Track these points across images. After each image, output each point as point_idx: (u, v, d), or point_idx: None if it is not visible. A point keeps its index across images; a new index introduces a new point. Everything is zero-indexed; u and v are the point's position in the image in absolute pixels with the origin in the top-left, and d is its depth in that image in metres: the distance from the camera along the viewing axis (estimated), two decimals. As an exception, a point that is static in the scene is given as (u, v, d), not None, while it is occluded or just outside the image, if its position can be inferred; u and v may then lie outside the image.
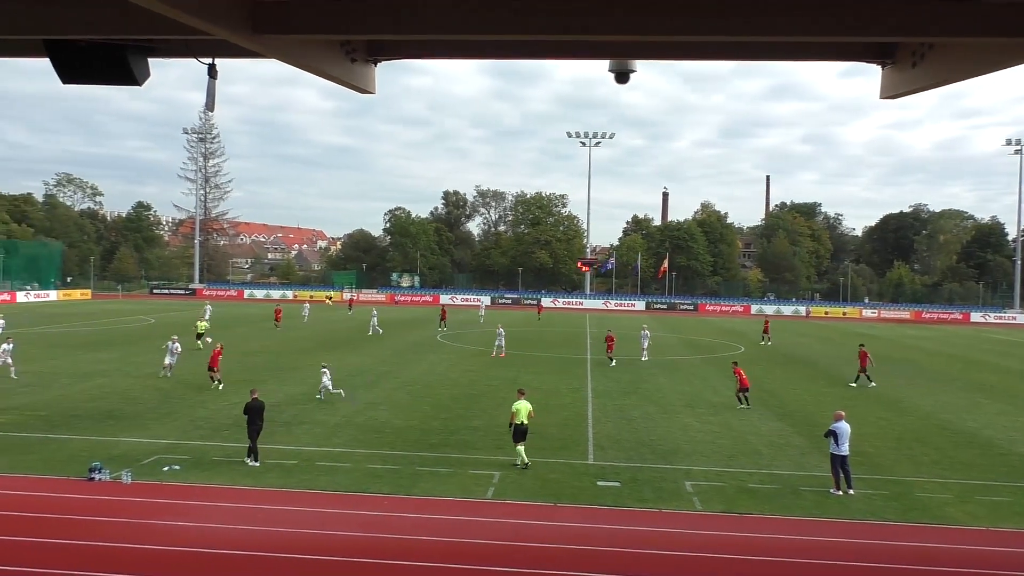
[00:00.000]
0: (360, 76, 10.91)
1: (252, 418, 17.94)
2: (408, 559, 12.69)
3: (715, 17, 8.30)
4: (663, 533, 14.48)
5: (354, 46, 10.37)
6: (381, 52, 10.99)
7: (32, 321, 54.56)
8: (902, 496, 17.07)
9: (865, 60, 10.54)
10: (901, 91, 10.45)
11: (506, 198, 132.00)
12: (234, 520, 14.37)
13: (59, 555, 12.43)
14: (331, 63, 10.12)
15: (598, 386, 31.18)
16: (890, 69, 10.53)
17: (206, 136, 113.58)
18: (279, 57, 9.55)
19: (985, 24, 7.98)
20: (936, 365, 43.36)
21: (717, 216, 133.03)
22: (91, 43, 9.38)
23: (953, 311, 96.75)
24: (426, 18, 8.71)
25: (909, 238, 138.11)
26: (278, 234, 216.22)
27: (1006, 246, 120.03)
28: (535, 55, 11.02)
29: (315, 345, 43.25)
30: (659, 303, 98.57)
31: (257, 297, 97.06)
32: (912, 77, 9.99)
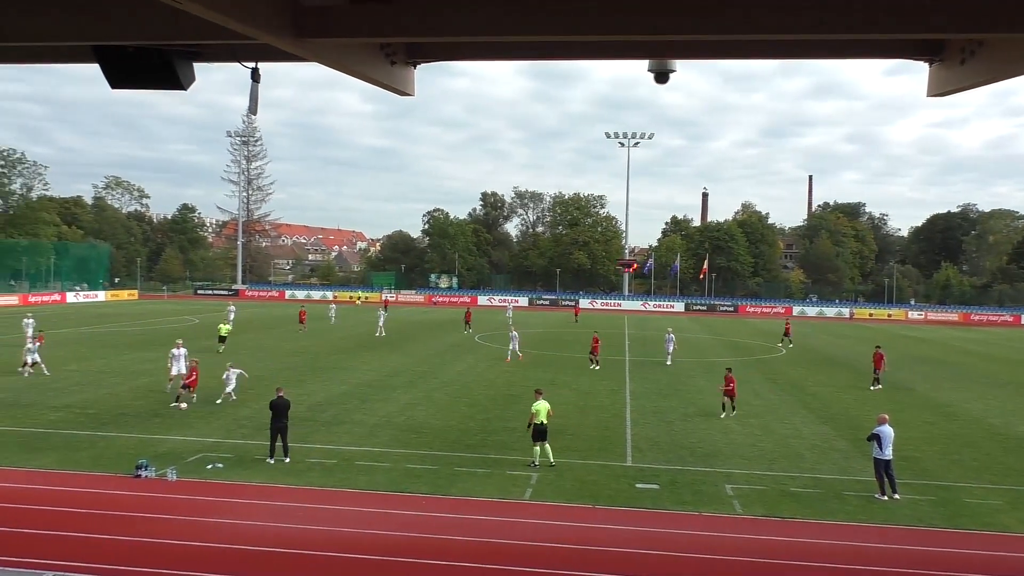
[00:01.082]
0: (400, 78, 10.99)
1: (276, 415, 18.18)
2: (445, 559, 12.75)
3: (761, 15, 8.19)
4: (703, 536, 14.33)
5: (394, 48, 10.44)
6: (420, 54, 11.06)
7: (81, 321, 55.96)
8: (950, 502, 16.68)
9: (913, 57, 10.32)
10: (949, 89, 10.21)
11: (544, 199, 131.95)
12: (275, 518, 14.56)
13: (106, 551, 12.72)
14: (371, 66, 10.20)
15: (636, 388, 30.99)
16: (938, 66, 10.30)
17: (249, 139, 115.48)
18: (320, 60, 9.67)
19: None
20: (985, 368, 42.29)
21: (758, 216, 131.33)
22: (139, 49, 9.58)
23: (1003, 313, 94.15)
24: (465, 20, 8.73)
25: (957, 239, 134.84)
26: (318, 235, 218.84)
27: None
28: (575, 56, 10.99)
29: (355, 345, 43.66)
30: (698, 304, 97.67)
31: (298, 297, 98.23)
32: (961, 74, 9.76)
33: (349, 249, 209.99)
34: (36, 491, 15.79)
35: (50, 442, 19.57)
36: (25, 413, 22.97)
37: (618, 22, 8.39)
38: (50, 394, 26.02)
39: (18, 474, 16.80)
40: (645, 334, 58.23)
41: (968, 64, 9.51)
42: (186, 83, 9.87)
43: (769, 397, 29.85)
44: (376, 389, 28.78)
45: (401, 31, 8.97)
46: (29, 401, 24.78)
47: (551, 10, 8.49)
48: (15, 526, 13.63)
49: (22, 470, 17.07)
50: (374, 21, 8.77)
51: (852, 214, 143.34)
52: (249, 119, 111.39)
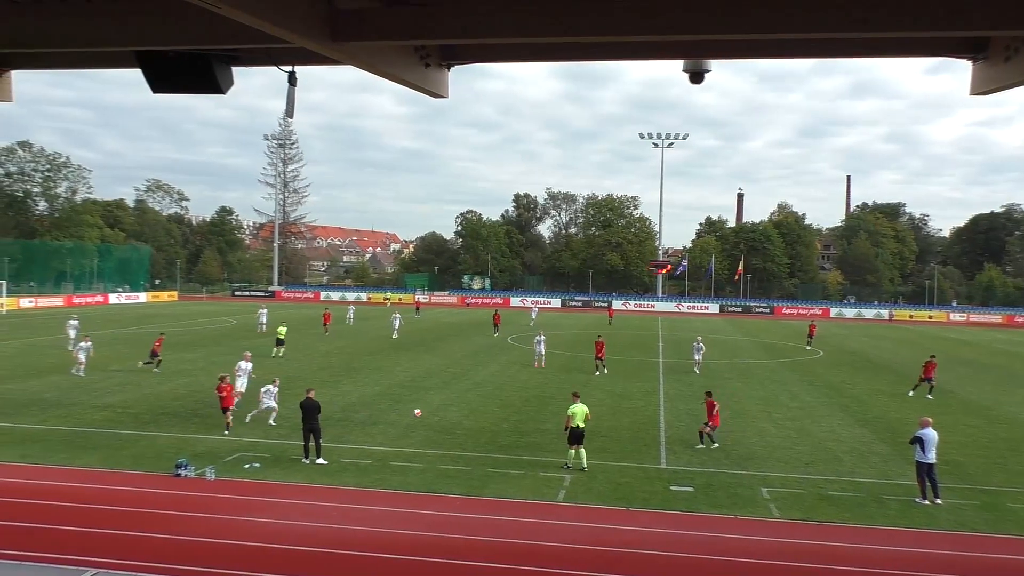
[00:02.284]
0: (434, 81, 11.05)
1: (305, 416, 18.32)
2: (478, 559, 12.77)
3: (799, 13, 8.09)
4: (739, 540, 14.18)
5: (428, 51, 10.51)
6: (454, 56, 11.11)
7: (124, 322, 57.07)
8: (993, 507, 16.32)
9: (955, 55, 10.13)
10: (993, 87, 10.00)
11: (577, 200, 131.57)
12: (310, 517, 14.71)
13: (145, 548, 12.95)
14: (406, 68, 10.27)
15: (670, 390, 30.78)
16: (981, 64, 10.09)
17: (285, 142, 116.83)
18: (356, 64, 9.76)
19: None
20: (1030, 371, 41.27)
21: (794, 217, 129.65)
22: (179, 54, 9.77)
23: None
24: (500, 21, 8.76)
25: (1001, 239, 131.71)
26: (353, 237, 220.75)
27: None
28: (609, 57, 10.97)
29: (389, 346, 43.94)
30: (733, 306, 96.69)
31: (333, 299, 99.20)
32: (1005, 72, 9.55)
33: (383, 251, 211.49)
34: (79, 489, 16.12)
35: (93, 441, 19.99)
36: (69, 412, 23.49)
37: (653, 22, 8.35)
38: (94, 394, 26.57)
39: (63, 472, 17.18)
40: (679, 336, 57.79)
41: (1013, 62, 9.31)
42: (225, 87, 10.04)
43: (806, 399, 29.46)
44: (409, 390, 28.94)
45: (436, 33, 9.02)
46: (73, 400, 25.34)
47: (585, 11, 8.47)
48: (58, 523, 13.94)
49: (66, 468, 17.45)
50: (409, 23, 8.83)
51: (891, 214, 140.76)
52: (285, 122, 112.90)
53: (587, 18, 8.47)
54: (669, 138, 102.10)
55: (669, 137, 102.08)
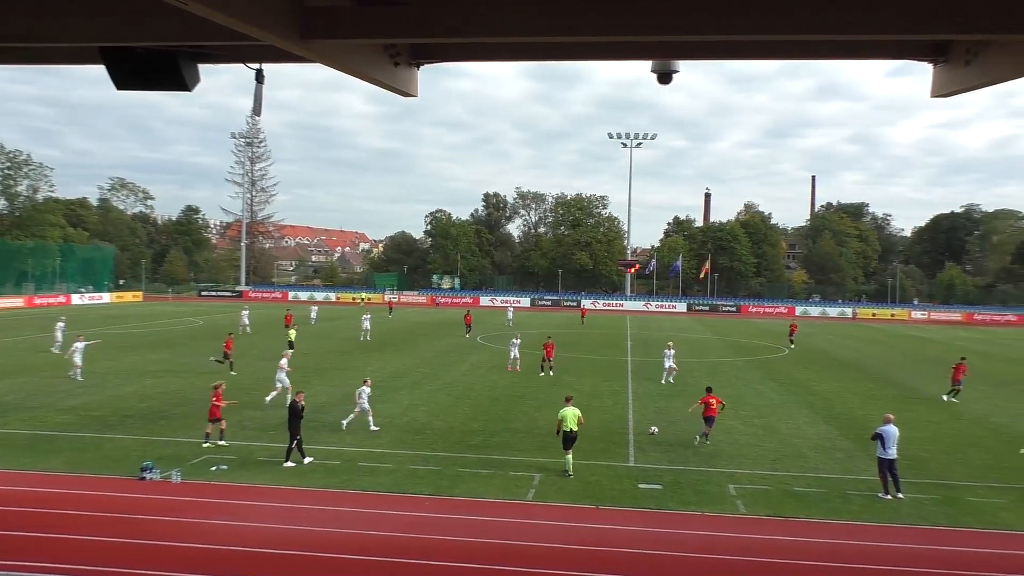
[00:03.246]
0: (403, 79, 11.02)
1: (288, 418, 18.29)
2: (448, 559, 12.77)
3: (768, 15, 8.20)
4: (707, 536, 14.33)
5: (398, 50, 10.48)
6: (424, 55, 11.09)
7: (88, 323, 56.03)
8: (954, 501, 16.68)
9: (918, 58, 10.33)
10: (953, 90, 10.22)
11: (546, 200, 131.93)
12: (278, 519, 14.59)
13: (111, 553, 12.76)
14: (375, 67, 10.23)
15: (639, 388, 31.00)
16: (942, 67, 10.31)
17: (253, 140, 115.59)
18: (325, 62, 9.70)
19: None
20: (989, 368, 42.20)
21: (760, 217, 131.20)
22: (144, 50, 9.63)
23: (1007, 313, 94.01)
24: (470, 21, 8.76)
25: (961, 239, 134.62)
26: (322, 237, 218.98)
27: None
28: (579, 57, 11.03)
29: (358, 347, 43.70)
30: (701, 304, 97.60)
31: (301, 299, 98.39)
32: (965, 75, 9.76)
33: (352, 250, 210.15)
34: (42, 494, 15.83)
35: (56, 444, 19.63)
36: (32, 415, 23.04)
37: (623, 23, 8.41)
38: (56, 396, 26.08)
39: (25, 477, 16.85)
40: (647, 335, 58.22)
41: (973, 65, 9.53)
42: (191, 84, 9.92)
43: (772, 397, 29.84)
44: (379, 390, 28.75)
45: (406, 32, 9.00)
46: (36, 403, 24.85)
47: (555, 11, 8.51)
48: (20, 529, 13.67)
49: (29, 473, 17.11)
50: (380, 22, 8.81)
51: (855, 214, 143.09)
52: (253, 120, 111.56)
53: (557, 18, 8.51)
54: (638, 138, 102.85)
55: (638, 137, 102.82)
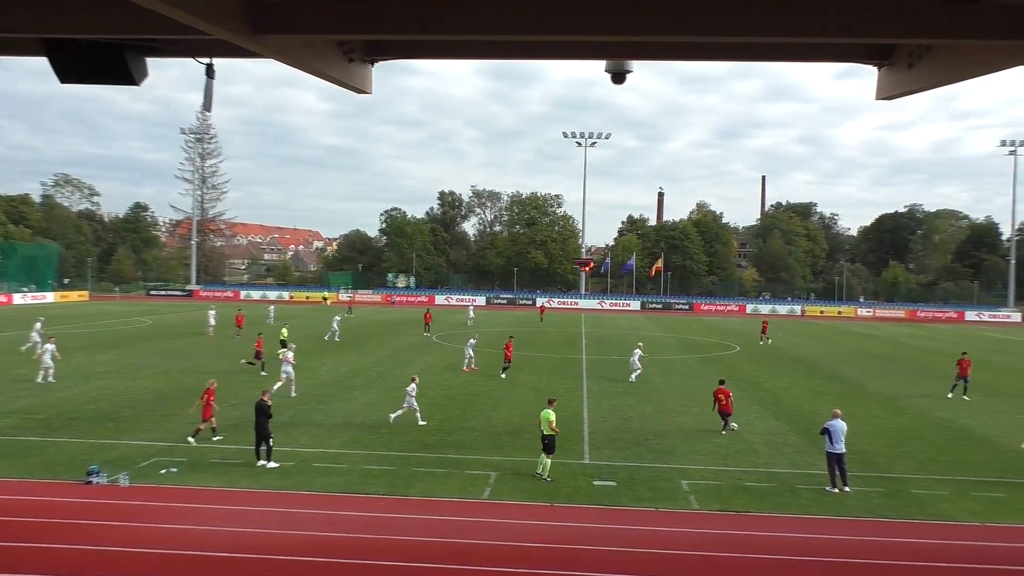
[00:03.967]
0: (357, 76, 10.94)
1: (257, 419, 18.13)
2: (404, 560, 12.72)
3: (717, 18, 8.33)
4: (660, 532, 14.52)
5: (352, 46, 10.39)
6: (378, 52, 11.02)
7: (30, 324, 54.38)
8: (898, 493, 17.15)
9: (863, 61, 10.60)
10: (897, 92, 10.51)
11: (502, 198, 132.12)
12: (231, 522, 14.37)
13: (56, 560, 12.42)
14: (329, 63, 10.14)
15: (593, 386, 31.21)
16: (887, 70, 10.59)
17: (203, 136, 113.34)
18: (277, 57, 9.57)
19: (985, 27, 8.03)
20: (931, 363, 43.47)
21: (712, 216, 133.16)
22: (89, 42, 9.39)
23: (948, 310, 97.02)
24: (424, 18, 8.73)
25: (904, 238, 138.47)
26: (275, 235, 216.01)
27: (1000, 246, 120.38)
28: (534, 56, 11.04)
29: (313, 347, 43.20)
30: (654, 303, 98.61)
31: (253, 298, 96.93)
32: (908, 79, 10.04)
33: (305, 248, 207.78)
34: (-19, 498, 15.33)
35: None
36: (-31, 418, 22.30)
37: (577, 23, 8.46)
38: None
39: (-38, 481, 16.31)
40: (601, 332, 58.68)
41: (915, 68, 9.80)
42: (139, 78, 9.71)
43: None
44: (334, 390, 28.55)
45: (360, 28, 8.93)
46: (-27, 406, 24.06)
47: (510, 10, 8.52)
48: (-40, 534, 13.23)
49: (-34, 477, 16.57)
50: (333, 18, 8.72)
51: (804, 214, 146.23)
52: (203, 116, 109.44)
53: (512, 17, 8.52)
54: (592, 138, 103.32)
55: (592, 137, 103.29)
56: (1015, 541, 14.49)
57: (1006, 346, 56.45)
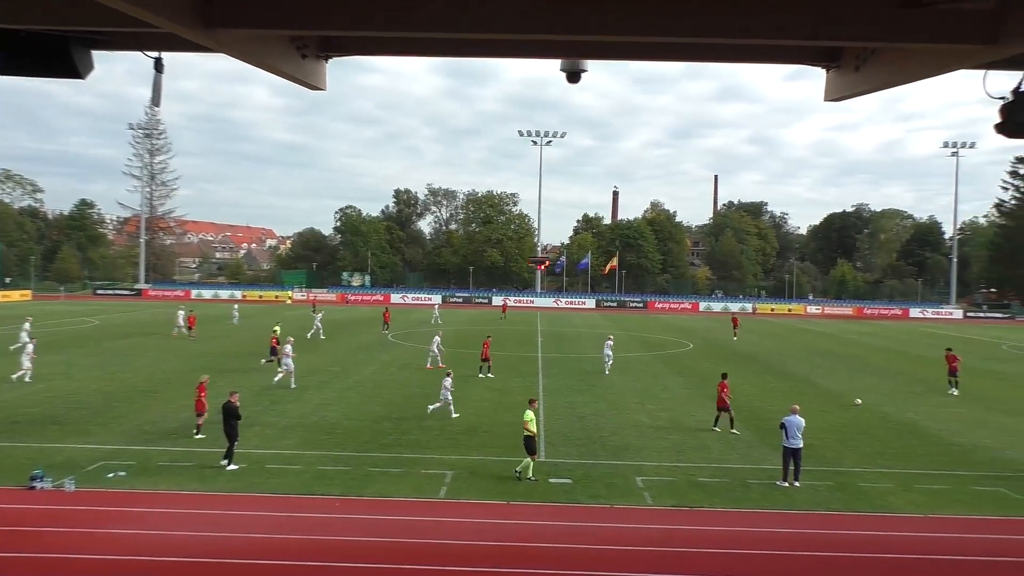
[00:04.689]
0: (311, 72, 10.80)
1: (223, 419, 17.89)
2: (360, 561, 12.62)
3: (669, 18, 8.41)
4: (615, 528, 14.63)
5: (305, 42, 10.26)
6: (332, 48, 10.89)
7: (-34, 323, 52.63)
8: (846, 487, 17.54)
9: (812, 63, 10.81)
10: (845, 94, 10.74)
11: (457, 197, 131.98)
12: (181, 526, 14.08)
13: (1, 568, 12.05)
14: (282, 59, 9.99)
15: (549, 384, 31.32)
16: (835, 72, 10.81)
17: (152, 132, 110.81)
18: (229, 52, 9.39)
19: (927, 31, 8.25)
20: (877, 359, 44.59)
21: (666, 215, 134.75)
22: (32, 33, 9.10)
23: (893, 307, 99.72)
24: (377, 14, 8.65)
25: (852, 237, 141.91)
26: (227, 233, 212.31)
27: (943, 244, 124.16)
28: (489, 54, 11.03)
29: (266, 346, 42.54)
30: (609, 301, 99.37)
31: (205, 297, 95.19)
32: (855, 81, 10.27)
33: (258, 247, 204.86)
34: (-82, 505, 14.79)
35: (-67, 453, 18.37)
36: (-96, 422, 21.48)
37: (532, 21, 8.47)
38: (-68, 402, 24.41)
39: None
40: (557, 330, 58.92)
41: (862, 71, 10.03)
42: (84, 71, 9.44)
43: (678, 391, 30.68)
44: (287, 390, 28.17)
45: (312, 24, 8.81)
46: (-92, 409, 23.19)
47: (465, 7, 8.49)
48: None
49: (-99, 483, 15.96)
50: (285, 13, 8.59)
51: (755, 213, 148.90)
52: (152, 111, 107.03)
53: (467, 14, 8.50)
54: (547, 136, 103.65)
55: (547, 135, 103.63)
56: (957, 532, 14.94)
57: (947, 342, 58.09)
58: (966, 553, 13.82)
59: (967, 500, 16.77)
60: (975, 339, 60.85)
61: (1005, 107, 8.64)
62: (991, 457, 20.76)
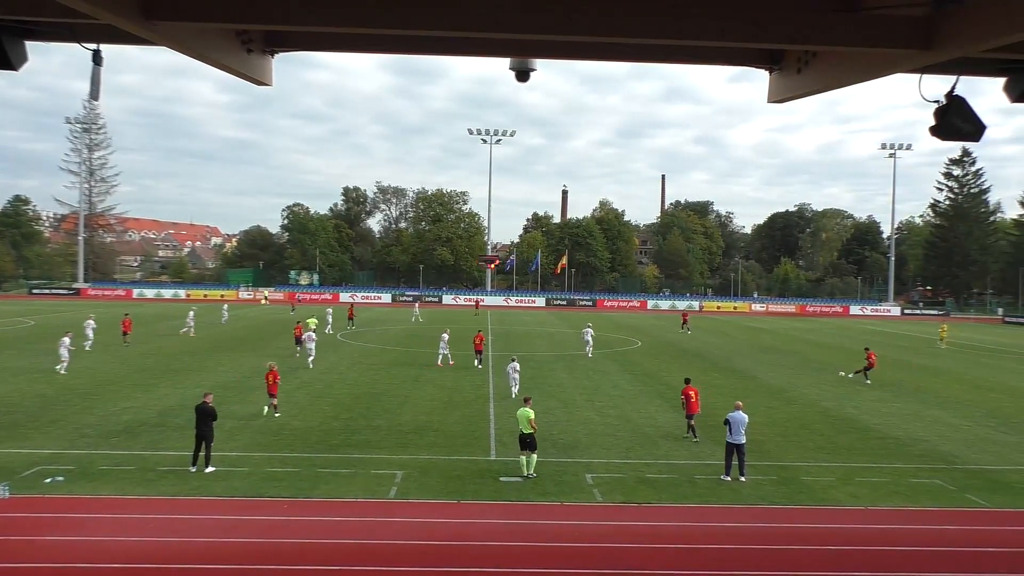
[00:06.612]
0: (257, 67, 10.59)
1: (198, 421, 17.50)
2: (309, 563, 12.46)
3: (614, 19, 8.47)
4: (565, 526, 14.70)
5: (251, 36, 10.05)
6: (279, 43, 10.70)
7: None
8: (790, 481, 17.93)
9: (756, 65, 11.00)
10: (787, 96, 10.95)
11: (407, 195, 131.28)
12: (123, 532, 13.71)
13: (-73, 575, 11.58)
14: (226, 53, 9.77)
15: (500, 383, 31.32)
16: (777, 75, 11.02)
17: (91, 127, 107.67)
18: (171, 45, 9.15)
19: (865, 35, 8.46)
20: (819, 356, 45.69)
21: (615, 214, 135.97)
22: (-42, 24, 8.74)
23: (834, 304, 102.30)
24: (325, 10, 8.53)
25: (795, 236, 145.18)
26: (169, 230, 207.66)
27: (881, 243, 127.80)
28: (437, 51, 10.97)
29: (210, 346, 41.77)
30: (559, 299, 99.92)
31: (147, 296, 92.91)
32: (797, 83, 10.48)
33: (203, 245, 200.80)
34: None
35: None
36: None
37: (479, 19, 8.45)
38: None
39: None
40: (507, 328, 59.01)
41: (804, 73, 10.24)
42: (16, 63, 9.09)
43: (626, 388, 30.97)
44: (233, 391, 27.66)
45: (256, 18, 8.63)
46: None
47: (414, 4, 8.43)
48: None
49: None
50: (229, 6, 8.41)
51: (701, 212, 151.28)
52: (91, 105, 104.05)
53: (416, 11, 8.43)
54: (497, 135, 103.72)
55: (497, 134, 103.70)
56: (896, 523, 15.39)
57: (886, 338, 59.85)
58: (905, 544, 14.23)
59: (905, 492, 17.29)
60: (912, 335, 62.76)
61: (939, 110, 8.89)
62: (927, 450, 21.44)
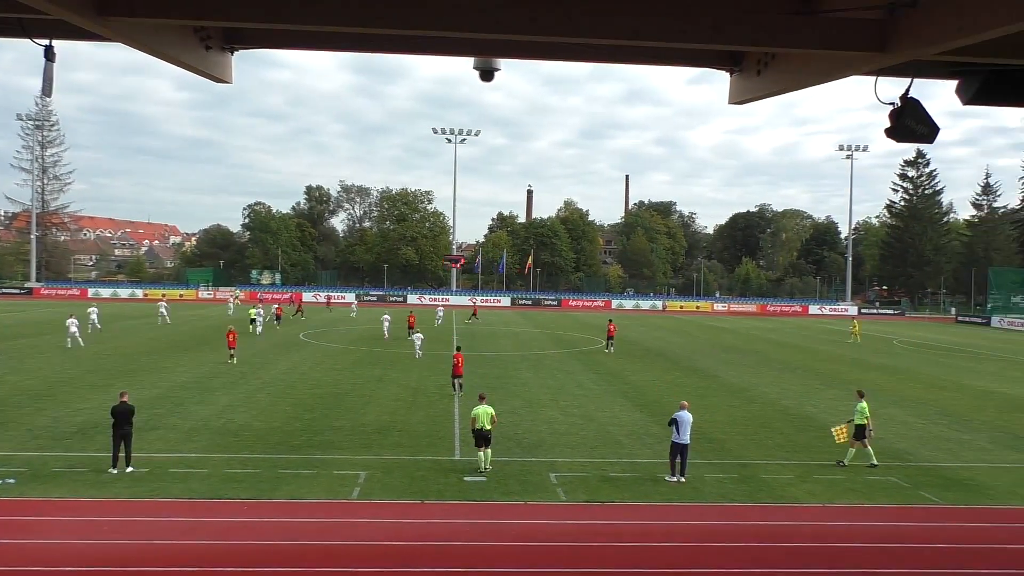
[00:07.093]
0: (215, 64, 10.44)
1: (118, 422, 17.07)
2: (270, 565, 12.32)
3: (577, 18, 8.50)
4: (529, 525, 14.72)
5: (209, 33, 9.91)
6: (238, 40, 10.57)
7: None
8: (750, 479, 18.15)
9: (716, 67, 11.13)
10: (747, 97, 11.10)
11: (371, 194, 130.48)
12: (76, 535, 13.43)
13: None
14: (184, 50, 9.62)
15: (464, 382, 31.25)
16: (737, 76, 11.16)
17: (43, 124, 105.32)
18: (126, 42, 8.98)
19: (821, 37, 8.61)
20: (779, 355, 46.36)
21: (580, 214, 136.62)
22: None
23: (794, 304, 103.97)
24: (284, 7, 8.43)
25: (755, 236, 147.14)
26: (126, 229, 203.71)
27: (839, 244, 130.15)
28: (398, 50, 10.91)
29: (168, 346, 41.10)
30: (524, 299, 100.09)
31: (103, 296, 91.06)
32: (757, 85, 10.63)
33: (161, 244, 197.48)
34: None
35: None
36: None
37: (441, 18, 8.43)
38: None
39: None
40: (472, 328, 58.94)
41: (763, 75, 10.39)
42: (-35, 58, 8.85)
43: (590, 387, 31.12)
44: (192, 392, 27.24)
45: (213, 14, 8.50)
46: None
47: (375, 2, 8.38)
48: None
49: None
50: (186, 2, 8.28)
51: (664, 212, 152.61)
52: (43, 102, 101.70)
53: (378, 10, 8.38)
54: (461, 134, 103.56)
55: (461, 134, 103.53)
56: (852, 520, 15.67)
57: (844, 338, 60.89)
58: (861, 540, 14.49)
59: (861, 489, 17.61)
60: (868, 335, 63.96)
61: (894, 112, 9.06)
62: (883, 448, 21.83)
